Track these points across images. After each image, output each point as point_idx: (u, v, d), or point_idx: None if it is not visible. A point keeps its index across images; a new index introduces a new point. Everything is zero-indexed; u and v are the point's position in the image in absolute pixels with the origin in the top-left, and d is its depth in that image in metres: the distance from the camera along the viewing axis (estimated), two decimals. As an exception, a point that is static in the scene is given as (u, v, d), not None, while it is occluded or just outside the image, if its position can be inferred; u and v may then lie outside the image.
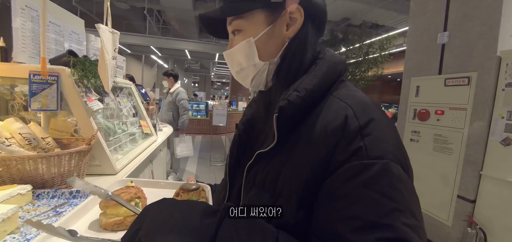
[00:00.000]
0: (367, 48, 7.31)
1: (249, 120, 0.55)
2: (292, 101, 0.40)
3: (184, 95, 3.51)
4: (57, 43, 1.24)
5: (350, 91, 0.42)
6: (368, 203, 0.32)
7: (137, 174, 1.40)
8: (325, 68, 0.44)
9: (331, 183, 0.35)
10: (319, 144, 0.37)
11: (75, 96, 1.00)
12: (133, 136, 1.54)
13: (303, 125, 0.41)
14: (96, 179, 1.02)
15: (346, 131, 0.36)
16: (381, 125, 0.37)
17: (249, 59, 0.47)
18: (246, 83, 0.51)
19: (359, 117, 0.37)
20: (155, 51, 10.68)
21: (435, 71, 2.13)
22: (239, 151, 0.53)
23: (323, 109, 0.40)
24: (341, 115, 0.37)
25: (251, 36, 0.46)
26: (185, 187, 0.64)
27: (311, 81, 0.42)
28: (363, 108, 0.38)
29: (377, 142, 0.35)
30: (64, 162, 0.84)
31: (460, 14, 1.93)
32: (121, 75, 1.72)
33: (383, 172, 0.33)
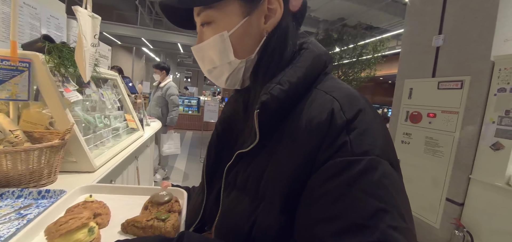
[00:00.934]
0: (360, 49, 7.36)
1: (228, 119, 0.52)
2: (275, 96, 0.36)
3: (175, 90, 3.35)
4: (33, 28, 1.13)
5: (335, 83, 0.39)
6: (351, 203, 0.29)
7: (120, 171, 1.32)
8: (310, 60, 0.40)
9: (313, 182, 0.33)
10: (304, 141, 0.34)
11: (49, 86, 0.91)
12: (117, 131, 1.46)
13: (287, 122, 0.37)
14: (72, 177, 0.94)
15: (332, 126, 0.33)
16: (368, 117, 0.34)
17: (222, 56, 0.42)
18: (220, 82, 0.46)
19: (346, 111, 0.34)
20: (147, 44, 10.41)
21: (429, 74, 2.13)
22: (217, 152, 0.50)
23: (307, 103, 0.37)
24: (327, 109, 0.34)
25: (225, 30, 0.40)
26: (155, 200, 0.56)
27: (295, 73, 0.38)
28: (349, 101, 0.35)
29: (363, 136, 0.32)
30: (33, 158, 0.76)
31: (456, 18, 1.93)
32: (105, 65, 1.62)
33: (369, 169, 0.30)
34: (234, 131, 0.49)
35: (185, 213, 0.55)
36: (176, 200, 0.59)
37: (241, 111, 0.48)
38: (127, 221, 0.50)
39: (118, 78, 1.70)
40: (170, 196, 0.57)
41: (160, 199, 0.56)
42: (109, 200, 0.58)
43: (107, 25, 8.24)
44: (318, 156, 0.33)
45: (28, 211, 0.66)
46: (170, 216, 0.50)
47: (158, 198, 0.56)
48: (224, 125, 0.51)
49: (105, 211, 0.52)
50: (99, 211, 0.50)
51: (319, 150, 0.33)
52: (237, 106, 0.50)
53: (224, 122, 0.51)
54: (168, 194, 0.58)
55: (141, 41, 10.03)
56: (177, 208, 0.56)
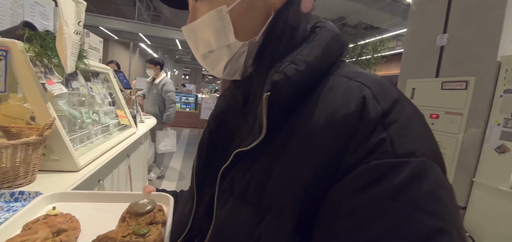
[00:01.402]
0: (360, 49, 7.31)
1: (222, 114, 0.44)
2: (289, 76, 0.29)
3: (172, 87, 3.24)
4: (15, 15, 1.05)
5: (358, 69, 0.32)
6: (396, 221, 0.20)
7: (110, 170, 1.24)
8: (328, 38, 0.32)
9: (340, 192, 0.24)
10: (324, 139, 0.26)
11: (28, 76, 0.84)
12: (107, 127, 1.38)
13: (298, 114, 0.30)
14: (53, 177, 0.87)
15: (365, 118, 0.25)
16: (408, 109, 0.26)
17: (220, 36, 0.34)
18: (217, 71, 0.38)
19: (381, 99, 0.26)
20: (144, 39, 10.27)
21: (432, 74, 2.08)
22: (209, 152, 0.41)
23: (324, 91, 0.29)
24: (356, 97, 0.27)
25: (223, 3, 0.33)
26: (134, 210, 0.47)
27: (311, 52, 0.31)
28: (382, 87, 0.28)
29: (406, 132, 0.24)
30: (7, 156, 0.69)
31: (460, 17, 1.88)
32: (96, 58, 1.54)
33: (418, 175, 0.22)
34: (228, 128, 0.42)
35: (170, 224, 0.47)
36: (160, 209, 0.51)
37: (239, 105, 0.40)
38: (98, 237, 0.42)
39: (110, 71, 1.62)
40: (152, 205, 0.49)
41: (140, 208, 0.47)
42: (81, 209, 0.50)
43: (104, 19, 8.10)
44: (345, 158, 0.25)
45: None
46: (151, 230, 0.42)
47: (138, 208, 0.47)
48: (217, 120, 0.43)
49: (73, 225, 0.44)
50: (63, 226, 0.42)
51: (347, 150, 0.25)
52: (233, 100, 0.42)
53: (218, 117, 0.43)
54: (151, 202, 0.50)
55: (139, 37, 9.89)
56: (160, 218, 0.48)
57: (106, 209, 0.54)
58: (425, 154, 0.23)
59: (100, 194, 0.59)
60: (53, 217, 0.43)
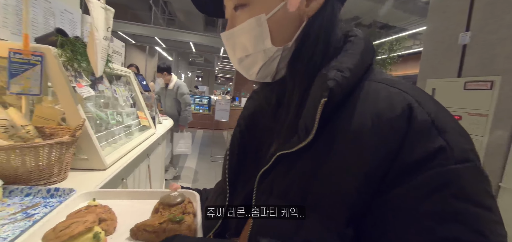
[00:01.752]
0: (375, 49, 7.14)
1: (252, 115, 0.47)
2: (340, 83, 0.30)
3: (186, 89, 3.34)
4: (47, 23, 1.12)
5: (390, 76, 0.34)
6: (469, 220, 0.25)
7: (132, 170, 1.29)
8: (362, 46, 0.35)
9: (409, 195, 0.27)
10: (372, 141, 0.28)
11: (61, 80, 0.89)
12: (129, 128, 1.43)
13: (339, 117, 0.31)
14: (83, 175, 0.91)
15: (415, 124, 0.27)
16: (449, 116, 0.30)
17: (258, 42, 0.37)
18: (251, 74, 0.40)
19: (426, 107, 0.28)
20: (159, 43, 10.56)
21: (454, 74, 2.00)
22: (240, 152, 0.44)
23: (362, 96, 0.31)
24: (400, 102, 0.29)
25: (262, 12, 0.36)
26: (166, 201, 0.50)
27: (350, 60, 0.32)
28: (421, 94, 0.30)
29: (459, 139, 0.28)
30: (43, 154, 0.74)
31: (484, 13, 1.79)
32: (118, 62, 1.61)
33: (476, 177, 0.27)
34: (259, 128, 0.44)
35: (200, 216, 0.50)
36: (189, 201, 0.54)
37: (272, 107, 0.42)
38: (136, 226, 0.45)
39: (131, 74, 1.69)
40: (182, 197, 0.52)
41: (171, 200, 0.51)
42: (114, 205, 0.54)
43: (122, 24, 8.42)
44: (399, 158, 0.27)
45: (35, 211, 0.63)
46: (185, 218, 0.45)
47: (170, 200, 0.51)
48: (247, 121, 0.46)
49: (111, 216, 0.48)
50: (104, 216, 0.46)
51: (401, 150, 0.27)
52: (264, 102, 0.44)
53: (248, 118, 0.46)
54: (180, 195, 0.53)
55: (154, 40, 10.18)
56: (190, 210, 0.51)
57: (137, 206, 0.57)
58: (474, 158, 0.27)
59: (129, 192, 0.63)
60: (93, 207, 0.46)
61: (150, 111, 1.87)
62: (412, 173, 0.27)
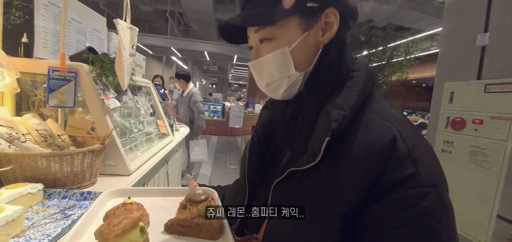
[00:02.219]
0: (391, 51, 6.96)
1: (267, 124, 0.53)
2: (341, 122, 0.37)
3: (199, 97, 3.39)
4: (79, 40, 1.24)
5: (385, 108, 0.41)
6: (428, 232, 0.32)
7: (152, 175, 1.37)
8: (362, 83, 0.41)
9: (385, 209, 0.34)
10: (364, 164, 0.35)
11: (92, 94, 0.99)
12: (150, 135, 1.53)
13: (342, 142, 0.38)
14: (110, 180, 1.00)
15: (395, 153, 0.35)
16: (425, 149, 0.37)
17: (283, 70, 0.43)
18: (277, 95, 0.47)
19: (406, 140, 0.36)
20: (175, 53, 10.95)
21: (473, 76, 1.94)
22: (258, 157, 0.51)
23: (361, 125, 0.38)
24: (388, 134, 0.36)
25: (286, 45, 0.42)
26: (192, 198, 0.55)
27: (351, 96, 0.39)
28: (406, 130, 0.37)
29: (428, 168, 0.35)
30: (77, 161, 0.82)
31: (504, 13, 1.73)
32: (140, 74, 1.72)
33: (439, 200, 0.33)
34: (274, 137, 0.51)
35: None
36: (212, 198, 0.59)
37: (286, 119, 0.48)
38: (170, 221, 0.50)
39: (151, 85, 1.80)
40: (206, 194, 0.57)
41: (197, 197, 0.55)
42: (141, 202, 0.59)
43: (140, 36, 8.84)
44: (381, 178, 0.34)
45: (72, 212, 0.71)
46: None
47: (196, 197, 0.56)
48: (264, 129, 0.52)
49: (145, 212, 0.53)
50: (141, 214, 0.51)
51: (382, 173, 0.34)
52: (280, 115, 0.51)
53: (265, 126, 0.52)
54: (204, 193, 0.57)
55: (171, 50, 10.58)
56: (214, 205, 0.55)
57: (160, 202, 0.62)
58: (441, 184, 0.35)
59: (152, 190, 0.69)
60: (129, 205, 0.52)
61: (168, 119, 1.97)
62: (389, 191, 0.34)
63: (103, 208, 0.57)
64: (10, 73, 0.91)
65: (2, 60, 0.91)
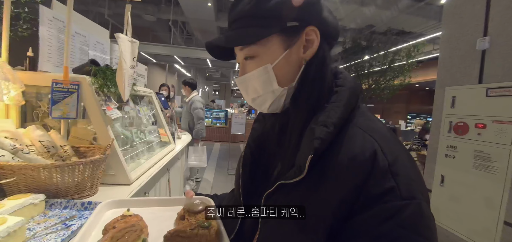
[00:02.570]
0: (392, 56, 6.96)
1: (260, 137, 0.55)
2: (324, 139, 0.39)
3: (199, 104, 3.45)
4: (82, 53, 1.28)
5: (369, 121, 0.42)
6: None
7: (153, 184, 1.38)
8: (346, 98, 0.42)
9: (366, 221, 0.35)
10: (347, 177, 0.37)
11: (94, 105, 1.01)
12: (151, 144, 1.54)
13: (327, 157, 0.39)
14: (110, 189, 1.01)
15: (376, 167, 0.36)
16: (406, 162, 0.38)
17: (266, 85, 0.45)
18: (263, 109, 0.49)
19: (387, 154, 0.37)
20: (179, 61, 11.10)
21: (474, 80, 1.93)
22: (252, 170, 0.52)
23: (345, 139, 0.40)
24: (369, 149, 0.37)
25: (268, 63, 0.44)
26: (190, 209, 0.55)
27: (335, 113, 0.41)
28: (388, 144, 0.39)
29: (408, 181, 0.36)
30: (79, 171, 0.84)
31: (502, 17, 1.73)
32: (142, 83, 1.75)
33: (418, 212, 0.34)
34: (266, 151, 0.53)
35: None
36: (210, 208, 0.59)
37: (276, 133, 0.50)
38: (169, 232, 0.50)
39: (153, 94, 1.83)
40: (204, 205, 0.57)
41: (195, 207, 0.56)
42: (138, 213, 0.59)
43: (144, 45, 9.01)
44: (362, 194, 0.36)
45: (72, 222, 0.72)
46: (212, 223, 0.50)
47: (194, 207, 0.56)
48: (256, 142, 0.54)
49: (143, 224, 0.53)
50: (141, 226, 0.50)
51: (364, 186, 0.36)
52: (270, 127, 0.53)
53: (257, 140, 0.54)
54: (202, 203, 0.58)
55: (174, 59, 10.73)
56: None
57: (157, 213, 0.62)
58: (420, 197, 0.35)
59: (148, 200, 0.69)
60: (129, 217, 0.53)
61: (170, 127, 1.99)
62: (371, 204, 0.35)
63: (101, 220, 0.57)
64: (15, 86, 0.94)
65: (8, 74, 0.94)
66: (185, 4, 7.74)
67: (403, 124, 10.18)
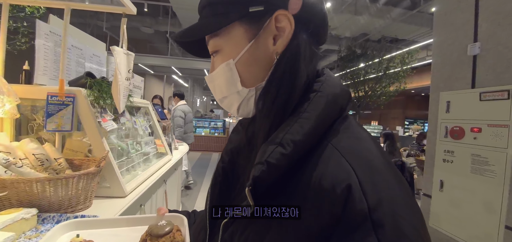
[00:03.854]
0: (387, 63, 7.07)
1: (233, 150, 0.45)
2: (273, 164, 0.29)
3: (179, 112, 3.64)
4: (79, 65, 1.28)
5: (354, 140, 0.32)
6: None
7: (149, 195, 1.37)
8: (321, 108, 0.32)
9: None
10: (312, 220, 0.27)
11: (89, 117, 1.01)
12: (147, 155, 1.53)
13: (292, 179, 0.31)
14: (104, 202, 1.00)
15: (349, 210, 0.25)
16: (398, 205, 0.26)
17: (230, 85, 0.38)
18: (233, 112, 0.41)
19: (368, 192, 0.26)
20: (176, 71, 11.17)
21: (467, 85, 1.96)
22: (222, 189, 0.42)
23: (319, 161, 0.30)
24: (343, 180, 0.27)
25: (230, 57, 0.36)
26: (154, 232, 0.48)
27: (301, 128, 0.31)
28: (371, 176, 0.27)
29: (396, 238, 0.24)
30: (72, 184, 0.82)
31: (492, 23, 1.78)
32: (138, 95, 1.75)
33: None
34: (236, 165, 0.44)
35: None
36: (178, 229, 0.51)
37: (244, 144, 0.42)
38: None
39: (150, 105, 1.83)
40: (171, 226, 0.50)
41: (160, 230, 0.48)
42: (100, 236, 0.53)
43: (142, 57, 9.09)
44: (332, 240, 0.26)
45: (65, 236, 0.70)
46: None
47: (158, 230, 0.48)
48: (230, 156, 0.45)
49: None
50: None
51: (332, 235, 0.26)
52: (241, 137, 0.45)
53: (230, 153, 0.45)
54: (169, 223, 0.50)
55: (171, 69, 10.80)
56: (179, 238, 0.48)
57: (123, 234, 0.56)
58: None
59: (116, 220, 0.61)
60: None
61: (167, 138, 1.99)
62: None
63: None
64: (10, 100, 0.94)
65: (3, 87, 0.94)
66: (182, 16, 7.85)
67: (400, 130, 10.24)
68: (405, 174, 3.04)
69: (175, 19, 8.43)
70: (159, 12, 8.74)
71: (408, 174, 3.06)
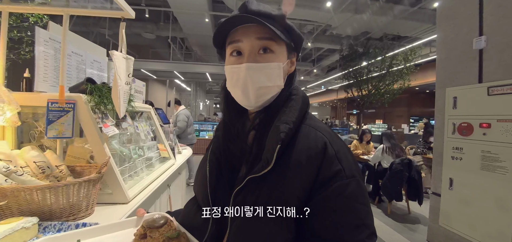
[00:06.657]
0: (390, 61, 6.99)
1: (223, 145, 0.58)
2: (287, 133, 0.47)
3: (183, 117, 3.86)
4: (80, 71, 1.28)
5: (317, 122, 0.54)
6: (355, 210, 0.45)
7: (153, 201, 1.35)
8: (300, 104, 0.54)
9: (323, 199, 0.45)
10: (306, 166, 0.46)
11: (90, 123, 1.00)
12: (150, 160, 1.52)
13: (288, 151, 0.48)
14: (107, 209, 0.98)
15: (327, 155, 0.47)
16: (346, 150, 0.50)
17: (276, 79, 0.53)
18: (259, 101, 0.53)
19: (333, 144, 0.48)
20: (178, 76, 11.22)
21: (474, 80, 1.91)
22: (218, 173, 0.56)
23: (303, 136, 0.50)
24: (321, 142, 0.48)
25: (281, 61, 0.53)
26: (152, 225, 0.51)
27: (293, 115, 0.51)
28: (332, 138, 0.50)
29: (349, 165, 0.47)
30: (73, 192, 0.81)
31: (498, 16, 1.73)
32: (140, 99, 1.75)
33: (358, 187, 0.46)
34: (230, 153, 0.56)
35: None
36: (170, 220, 0.56)
37: (234, 137, 0.56)
38: None
39: (152, 110, 1.82)
40: (165, 218, 0.54)
41: (156, 222, 0.52)
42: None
43: (144, 62, 9.14)
44: (318, 176, 0.46)
45: (66, 245, 0.68)
46: (180, 233, 0.48)
47: (154, 222, 0.52)
48: (217, 155, 0.58)
49: None
50: None
51: (319, 171, 0.46)
52: (234, 130, 0.57)
53: (218, 151, 0.58)
54: (162, 217, 0.54)
55: (174, 74, 10.85)
56: (174, 227, 0.53)
57: (109, 241, 0.56)
58: (358, 176, 0.47)
59: (95, 229, 0.60)
60: None
61: (170, 142, 1.97)
62: (326, 185, 0.45)
63: None
64: (11, 108, 0.94)
65: (3, 96, 0.93)
66: (183, 20, 7.90)
67: (406, 128, 10.10)
68: (413, 172, 2.97)
69: (177, 24, 8.48)
70: (161, 18, 8.81)
71: (416, 172, 2.99)
